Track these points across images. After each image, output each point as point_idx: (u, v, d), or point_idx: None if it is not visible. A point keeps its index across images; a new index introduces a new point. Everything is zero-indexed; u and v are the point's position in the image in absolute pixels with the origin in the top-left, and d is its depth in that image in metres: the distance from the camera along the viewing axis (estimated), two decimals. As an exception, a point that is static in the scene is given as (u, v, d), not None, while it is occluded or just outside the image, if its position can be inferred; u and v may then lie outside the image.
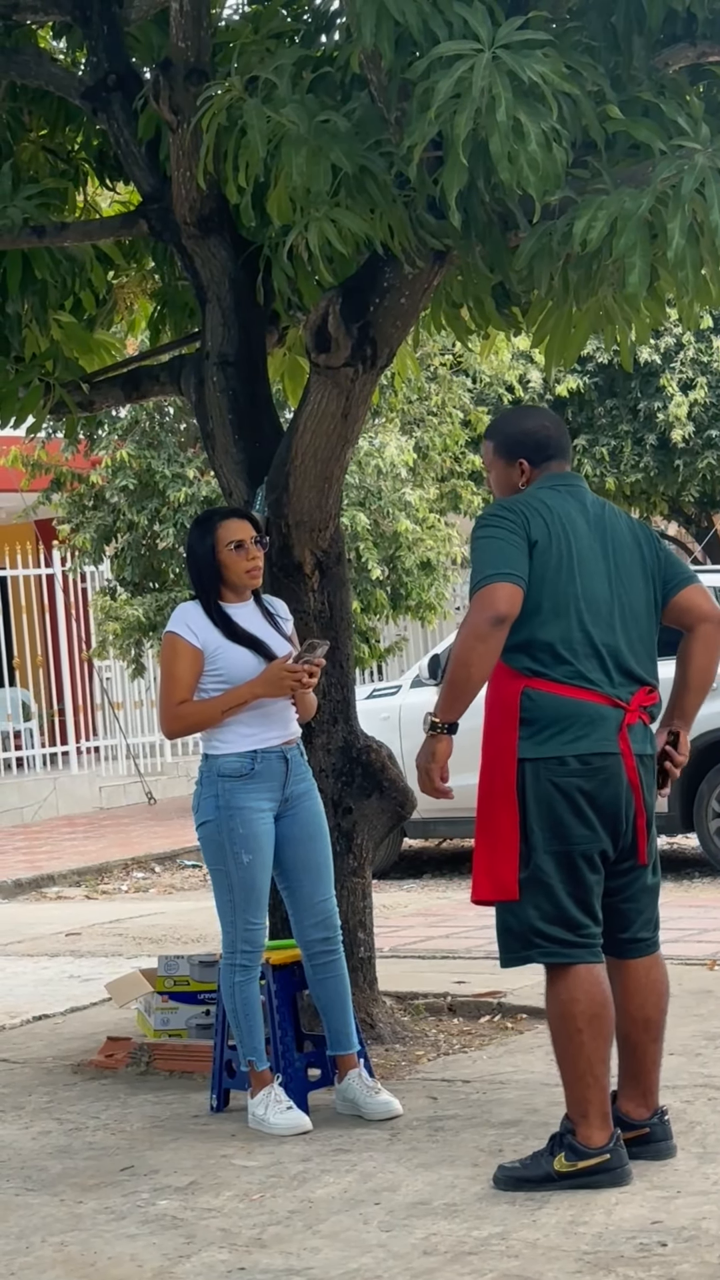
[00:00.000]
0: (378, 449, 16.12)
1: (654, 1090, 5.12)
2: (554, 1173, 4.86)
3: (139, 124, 6.81)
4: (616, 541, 5.09)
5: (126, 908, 12.17)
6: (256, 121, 5.63)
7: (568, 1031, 4.89)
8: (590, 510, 5.09)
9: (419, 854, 13.47)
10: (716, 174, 5.22)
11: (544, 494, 5.06)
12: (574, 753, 4.89)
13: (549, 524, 4.97)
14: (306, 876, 5.87)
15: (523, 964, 5.01)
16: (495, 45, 5.18)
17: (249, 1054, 5.80)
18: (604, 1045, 4.89)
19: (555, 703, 4.90)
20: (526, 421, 5.27)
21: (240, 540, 5.79)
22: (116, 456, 16.43)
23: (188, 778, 19.52)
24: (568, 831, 4.90)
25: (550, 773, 4.89)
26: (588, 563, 4.99)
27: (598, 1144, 4.85)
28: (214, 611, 5.81)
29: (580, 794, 4.89)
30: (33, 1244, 4.83)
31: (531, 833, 4.91)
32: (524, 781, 4.93)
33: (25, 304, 7.24)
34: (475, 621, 4.87)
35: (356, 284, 6.27)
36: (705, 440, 20.26)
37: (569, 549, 4.96)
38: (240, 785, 5.75)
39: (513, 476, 5.17)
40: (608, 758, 4.91)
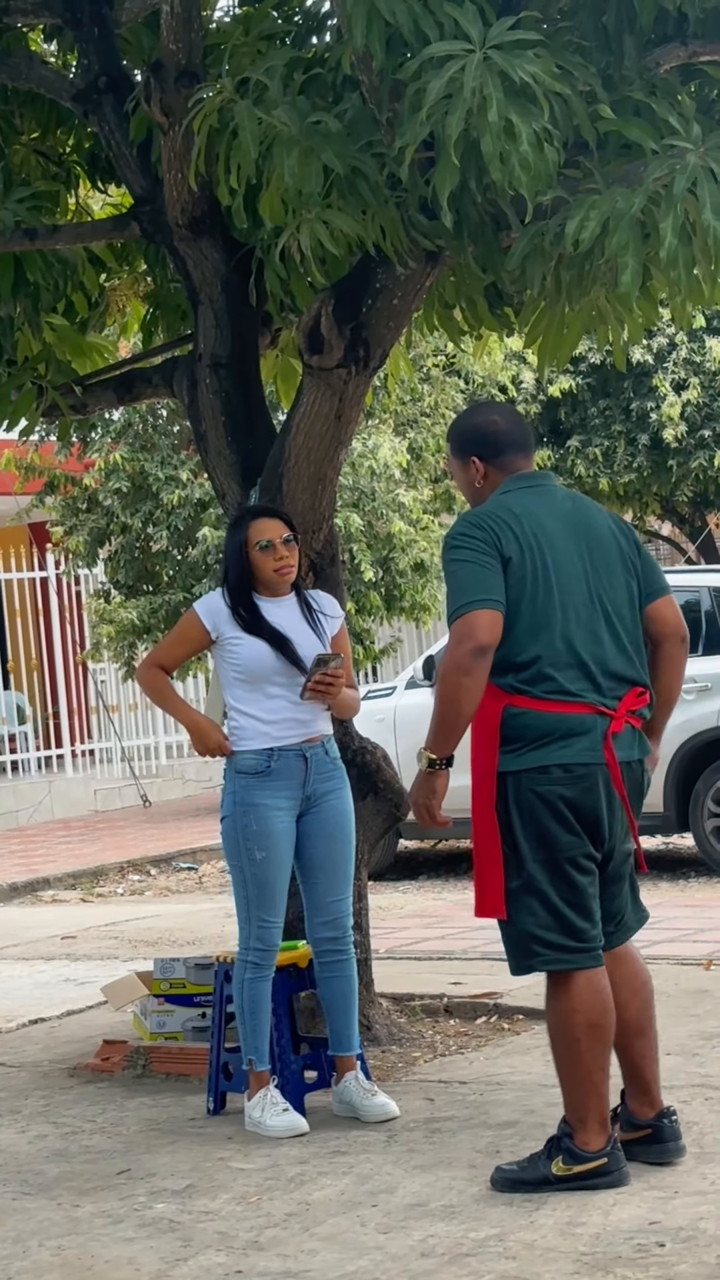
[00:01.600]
0: (371, 450, 16.11)
1: (653, 1088, 5.10)
2: (551, 1176, 4.85)
3: (130, 126, 6.80)
4: (593, 537, 5.01)
5: (122, 911, 12.16)
6: (248, 123, 5.62)
7: (566, 1040, 4.87)
8: (561, 507, 5.01)
9: (415, 855, 13.46)
10: (709, 173, 5.21)
11: (509, 500, 4.97)
12: (555, 761, 4.84)
13: (519, 535, 4.88)
14: (323, 875, 5.87)
15: (529, 972, 4.98)
16: (486, 46, 5.18)
17: (250, 1052, 5.80)
18: (603, 1053, 4.87)
19: (535, 719, 4.85)
20: (475, 417, 5.21)
21: (269, 540, 5.81)
22: (110, 459, 16.43)
23: (183, 780, 19.54)
24: (554, 839, 4.86)
25: (532, 782, 4.84)
26: (564, 567, 4.91)
27: (595, 1148, 4.84)
28: (238, 605, 5.83)
29: (562, 801, 4.84)
30: (30, 1248, 4.83)
31: (519, 844, 4.88)
32: (506, 796, 4.88)
33: (17, 307, 7.22)
34: (457, 656, 4.79)
35: (349, 285, 6.27)
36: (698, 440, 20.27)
37: (543, 558, 4.88)
38: (256, 782, 5.76)
39: (469, 476, 5.11)
40: (590, 767, 4.86)
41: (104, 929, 11.17)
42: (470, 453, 5.10)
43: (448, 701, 4.83)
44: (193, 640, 5.93)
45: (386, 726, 12.17)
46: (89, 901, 13.01)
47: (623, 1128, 5.09)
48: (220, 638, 5.83)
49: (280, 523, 5.88)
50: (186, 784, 19.66)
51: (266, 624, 5.81)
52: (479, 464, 5.08)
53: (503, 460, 5.08)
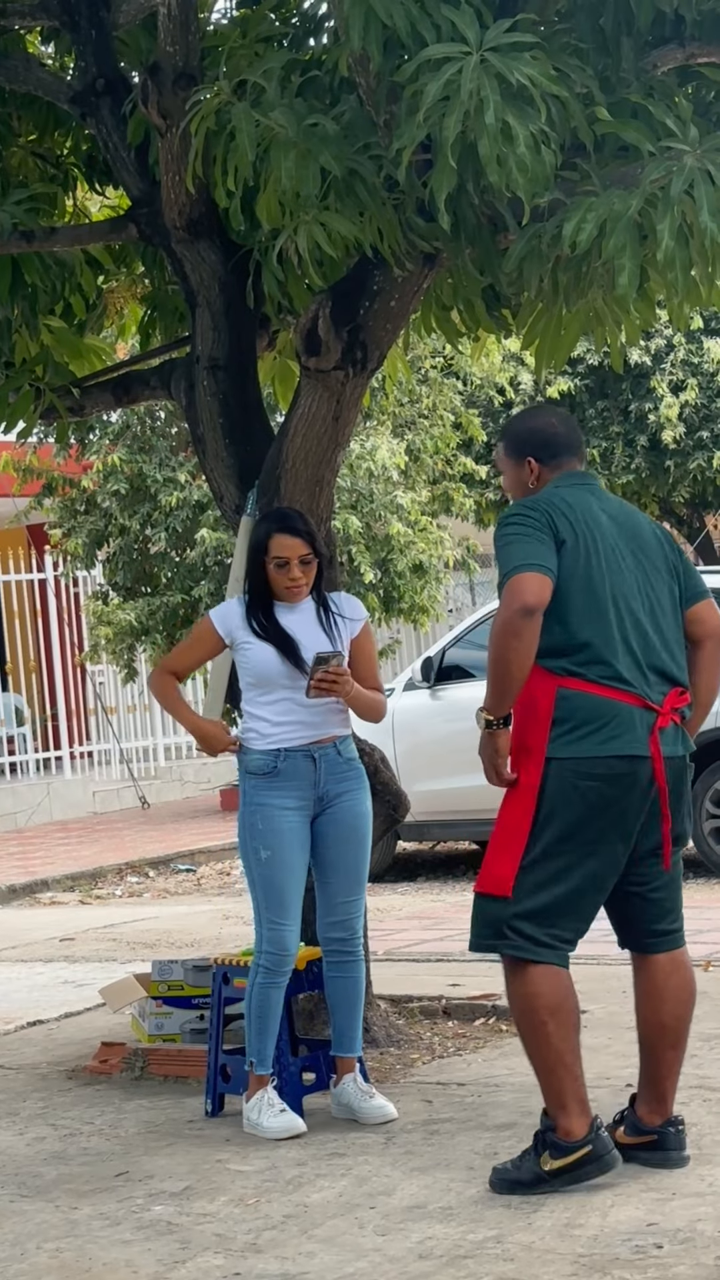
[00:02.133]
0: (369, 452, 16.11)
1: (668, 1098, 5.10)
2: (542, 1172, 4.86)
3: (128, 128, 6.81)
4: (640, 538, 5.08)
5: (120, 912, 12.16)
6: (245, 125, 5.63)
7: (532, 1024, 4.89)
8: (609, 507, 5.08)
9: (413, 857, 13.46)
10: (705, 175, 5.22)
11: (563, 492, 5.03)
12: (603, 754, 4.84)
13: (573, 523, 4.94)
14: (335, 876, 5.88)
15: (489, 951, 5.00)
16: (483, 48, 5.18)
17: (252, 1054, 5.79)
18: (571, 1034, 4.88)
19: (590, 702, 4.86)
20: (533, 420, 5.27)
21: (285, 559, 5.82)
22: (108, 461, 16.43)
23: (181, 782, 19.55)
24: (581, 834, 4.86)
25: (574, 775, 4.85)
26: (615, 560, 4.96)
27: (578, 1135, 4.84)
28: (254, 606, 5.87)
29: (600, 799, 4.85)
30: (27, 1250, 4.82)
31: (541, 831, 4.88)
32: (546, 780, 4.88)
33: (15, 309, 7.22)
34: (506, 617, 4.80)
35: (346, 287, 6.27)
36: (696, 441, 20.28)
37: (596, 547, 4.94)
38: (264, 783, 5.78)
39: (522, 476, 5.15)
40: (635, 762, 4.86)
41: (102, 931, 11.17)
42: (527, 453, 5.15)
43: (499, 663, 4.84)
44: (206, 645, 5.97)
45: (384, 728, 12.14)
46: (87, 903, 13.01)
47: (627, 1131, 5.09)
48: (234, 642, 5.87)
49: (301, 541, 5.85)
50: (185, 786, 19.66)
51: (275, 628, 5.83)
52: (534, 465, 5.13)
53: (558, 462, 5.14)
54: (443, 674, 12.31)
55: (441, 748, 12.08)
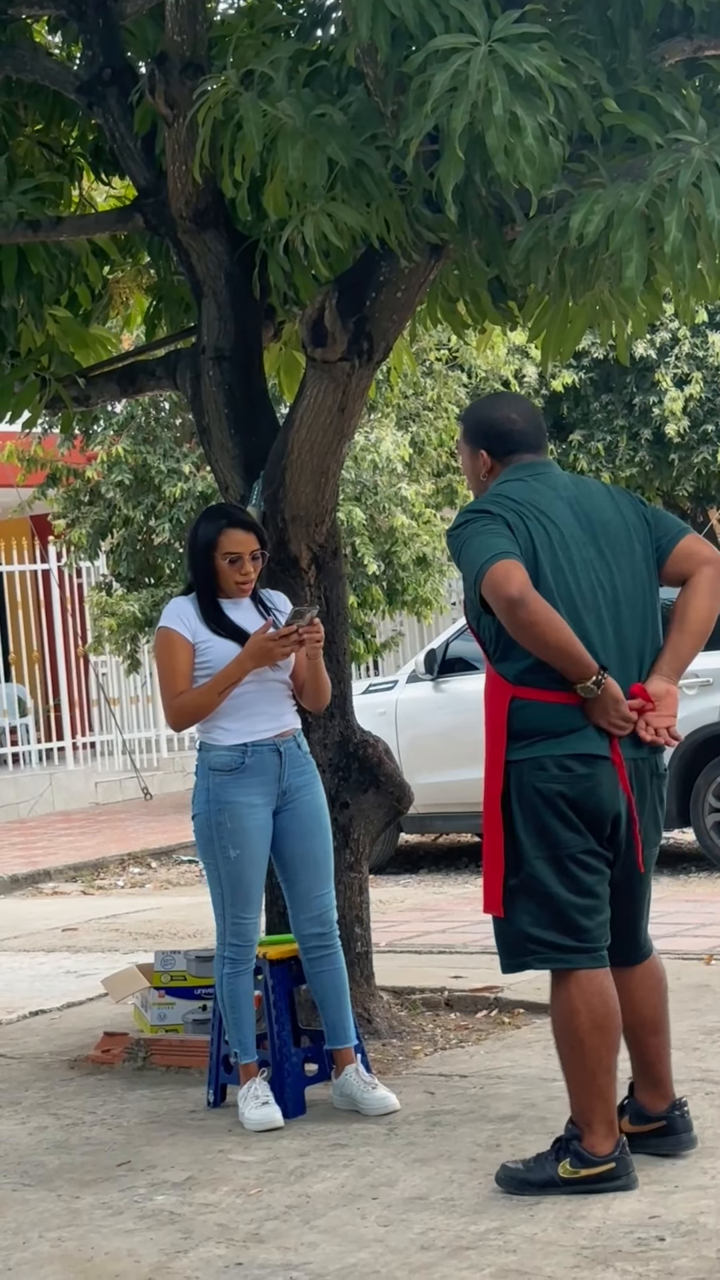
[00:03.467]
0: (373, 444, 16.11)
1: (666, 1081, 5.08)
2: (558, 1178, 4.80)
3: (134, 118, 6.80)
4: (599, 520, 4.89)
5: (123, 903, 12.17)
6: (252, 115, 5.62)
7: (570, 1041, 4.82)
8: (563, 494, 4.90)
9: (416, 849, 13.46)
10: (713, 168, 5.21)
11: (509, 489, 4.88)
12: (557, 753, 4.76)
13: (523, 523, 4.79)
14: (304, 871, 5.86)
15: (521, 970, 4.94)
16: (491, 39, 5.17)
17: (234, 1045, 5.82)
18: (608, 1054, 4.80)
19: (541, 710, 4.78)
20: (494, 410, 5.11)
21: (237, 554, 5.79)
22: (112, 452, 16.42)
23: (184, 773, 19.53)
24: (555, 836, 4.80)
25: (533, 777, 4.78)
26: (571, 555, 4.81)
27: (603, 1152, 4.78)
28: (205, 605, 5.82)
29: (562, 799, 4.78)
30: (30, 1239, 4.83)
31: (520, 840, 4.83)
32: (509, 787, 4.82)
33: (21, 299, 7.22)
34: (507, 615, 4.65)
35: (353, 278, 6.27)
36: (700, 435, 20.26)
37: (547, 546, 4.79)
38: (231, 779, 5.75)
39: (476, 466, 5.05)
40: (594, 761, 4.77)
41: (105, 921, 11.17)
42: (480, 445, 5.04)
43: (544, 650, 4.67)
44: (184, 652, 5.78)
45: (388, 720, 12.18)
46: (90, 894, 13.01)
47: (632, 1120, 5.07)
48: (195, 640, 5.80)
49: (253, 536, 5.83)
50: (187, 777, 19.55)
51: (230, 623, 5.79)
52: (486, 459, 5.03)
53: (511, 459, 5.00)
54: (446, 666, 12.31)
55: (444, 740, 12.09)
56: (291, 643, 5.67)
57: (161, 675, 5.86)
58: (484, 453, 5.03)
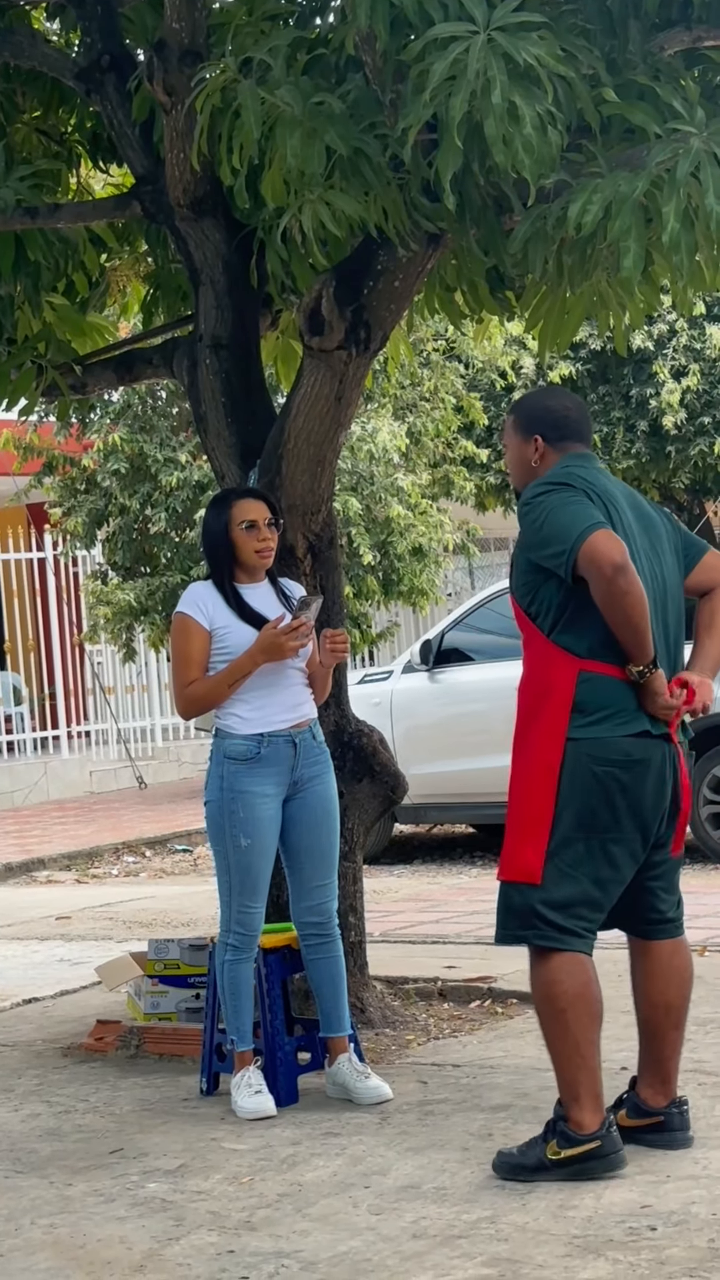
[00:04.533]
0: (370, 434, 16.10)
1: (672, 1078, 5.09)
2: (546, 1160, 4.83)
3: (133, 105, 6.79)
4: (649, 521, 5.04)
5: (117, 892, 12.17)
6: (251, 103, 5.61)
7: (552, 1012, 4.86)
8: (622, 490, 5.05)
9: (410, 839, 13.47)
10: (712, 158, 5.20)
11: (578, 469, 4.97)
12: (620, 734, 4.82)
13: (602, 502, 4.89)
14: (308, 860, 5.87)
15: (517, 943, 4.96)
16: (491, 27, 5.16)
17: (231, 1033, 5.82)
18: (591, 1025, 4.85)
19: (611, 685, 4.83)
20: (548, 399, 5.23)
21: (253, 520, 5.81)
22: (109, 440, 16.41)
23: (178, 762, 19.55)
24: (595, 820, 4.83)
25: (591, 758, 4.82)
26: (635, 542, 4.91)
27: (589, 1129, 4.80)
28: (226, 590, 5.81)
29: (616, 785, 4.82)
30: (22, 1226, 4.83)
31: (559, 817, 4.85)
32: (564, 763, 4.84)
33: (18, 286, 7.21)
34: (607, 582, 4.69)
35: (350, 267, 6.26)
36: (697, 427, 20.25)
37: (622, 528, 4.89)
38: (245, 769, 5.75)
39: (527, 453, 5.09)
40: (650, 742, 4.84)
41: (99, 910, 11.17)
42: (535, 430, 5.09)
43: (626, 626, 4.75)
44: (199, 639, 5.78)
45: (383, 710, 12.17)
46: (84, 883, 13.02)
47: (629, 1113, 5.08)
48: (213, 627, 5.80)
49: (264, 505, 5.87)
50: (182, 766, 19.66)
51: (251, 609, 5.79)
52: (540, 444, 5.08)
53: (564, 444, 5.08)
54: (441, 657, 12.31)
55: (439, 730, 12.09)
56: (300, 636, 5.67)
57: (175, 662, 5.87)
58: (539, 438, 5.08)
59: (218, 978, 5.87)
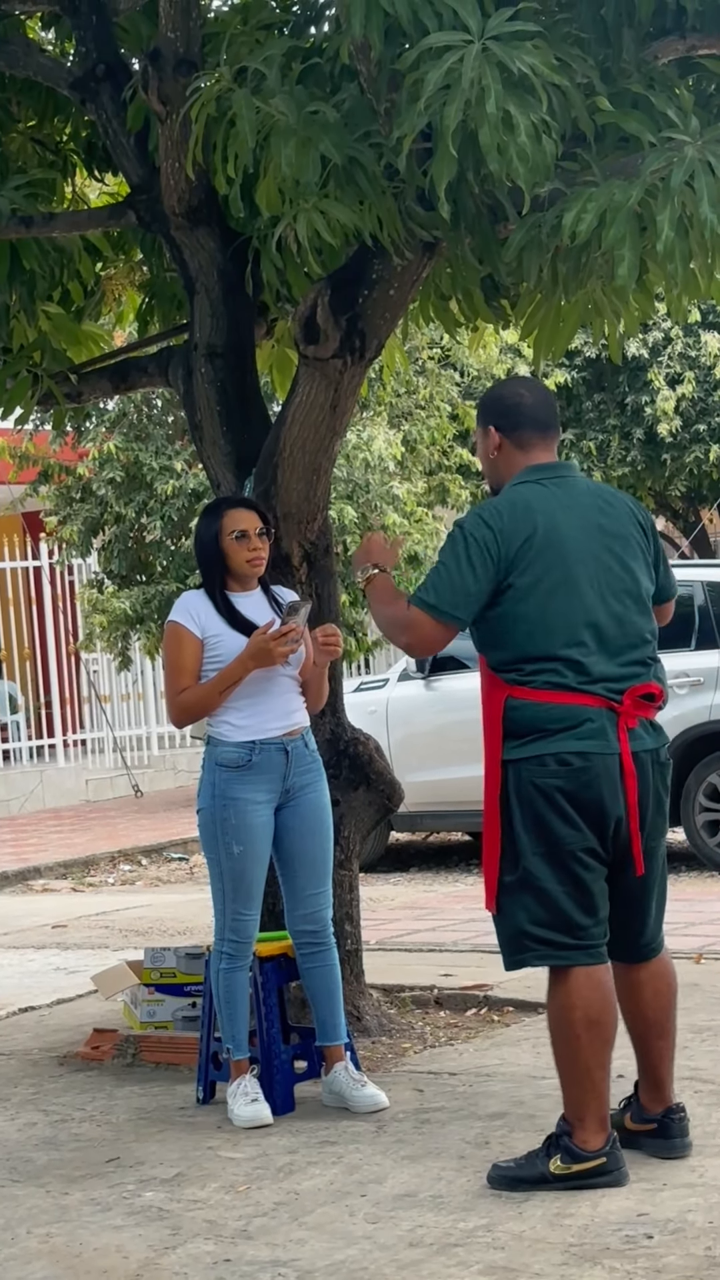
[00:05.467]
0: (365, 442, 16.10)
1: (665, 1085, 5.08)
2: (549, 1174, 4.80)
3: (128, 115, 6.79)
4: (612, 533, 4.96)
5: (113, 900, 12.17)
6: (245, 112, 5.61)
7: (565, 1036, 4.82)
8: (580, 501, 4.95)
9: (406, 847, 13.47)
10: (706, 166, 5.21)
11: (526, 492, 4.93)
12: (551, 751, 4.79)
13: (533, 529, 4.84)
14: (302, 869, 5.87)
15: (520, 967, 4.95)
16: (485, 36, 5.17)
17: (227, 1041, 5.82)
18: (602, 1050, 4.81)
19: (535, 710, 4.81)
20: (502, 388, 5.21)
21: (243, 530, 5.81)
22: (104, 449, 16.41)
23: (174, 771, 19.54)
24: (552, 831, 4.80)
25: (530, 774, 4.81)
26: (576, 565, 4.86)
27: (594, 1147, 4.78)
28: (217, 599, 5.81)
29: (560, 794, 4.79)
30: (18, 1235, 4.83)
31: (518, 837, 4.84)
32: (507, 786, 4.85)
33: (13, 294, 7.21)
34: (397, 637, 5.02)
35: (345, 275, 6.26)
36: (692, 434, 20.29)
37: (556, 553, 4.84)
38: (237, 776, 5.75)
39: (487, 446, 5.07)
40: (589, 758, 4.80)
41: (95, 918, 11.17)
42: (489, 421, 5.07)
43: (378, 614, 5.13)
44: (191, 647, 5.78)
45: (379, 718, 12.18)
46: (80, 891, 13.01)
47: (633, 1118, 5.08)
48: (204, 635, 5.80)
49: (255, 514, 5.87)
50: (178, 774, 19.65)
51: (243, 617, 5.79)
52: (495, 434, 5.05)
53: (519, 435, 5.03)
54: (437, 665, 12.31)
55: (435, 738, 12.10)
56: (290, 641, 5.67)
57: (167, 670, 5.86)
58: (492, 429, 5.06)
59: (212, 986, 5.87)
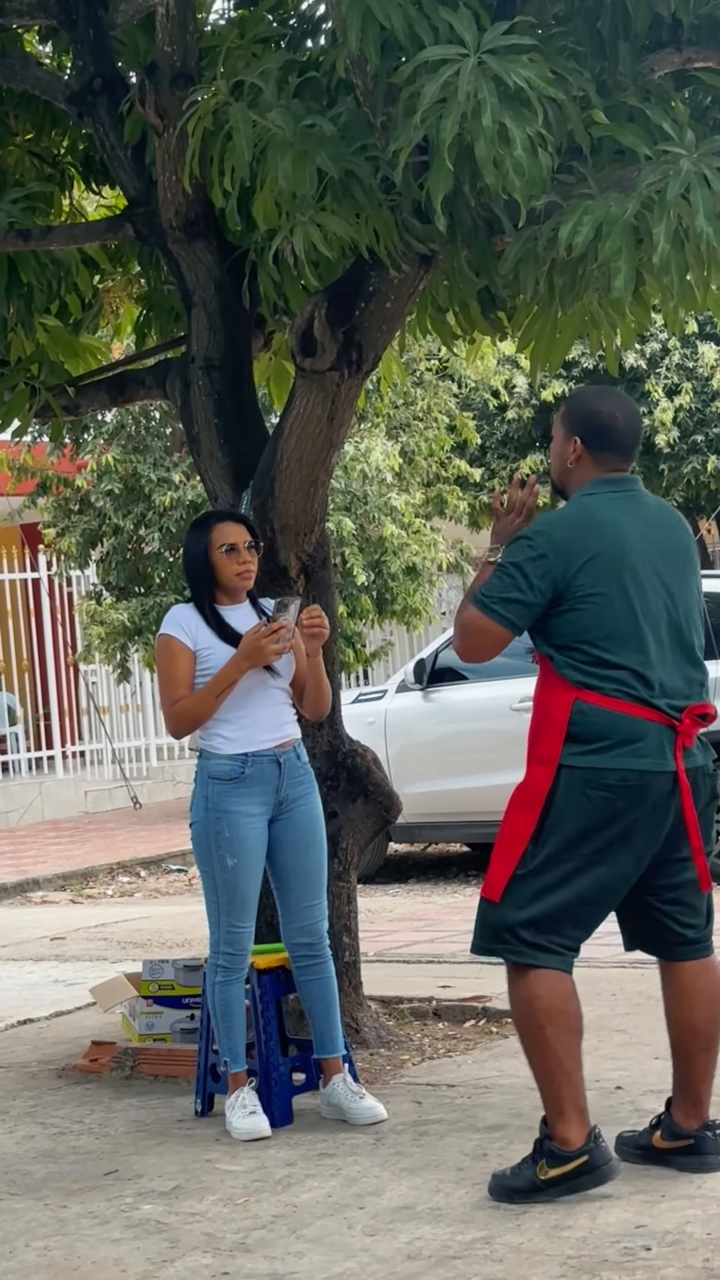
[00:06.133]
0: (363, 454, 16.12)
1: (704, 1101, 5.03)
2: (539, 1181, 4.81)
3: (125, 128, 6.81)
4: (672, 550, 4.99)
5: (111, 912, 12.16)
6: (242, 125, 5.63)
7: (532, 1029, 4.84)
8: (645, 515, 4.98)
9: (404, 859, 13.46)
10: (702, 179, 5.22)
11: (595, 504, 4.95)
12: (617, 765, 4.79)
13: (600, 540, 4.86)
14: (296, 881, 5.87)
15: (488, 955, 4.96)
16: (481, 50, 5.19)
17: (224, 1054, 5.82)
18: (571, 1040, 4.83)
19: (607, 717, 4.81)
20: (602, 403, 5.13)
21: (232, 544, 5.81)
22: (102, 460, 16.42)
23: (173, 782, 19.53)
24: (585, 842, 4.80)
25: (585, 783, 4.80)
26: (643, 579, 4.88)
27: (575, 1144, 4.78)
28: (206, 612, 5.82)
29: (609, 810, 4.80)
30: (16, 1248, 4.82)
31: (547, 838, 4.83)
32: (557, 788, 4.84)
33: (11, 307, 7.23)
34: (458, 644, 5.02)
35: (342, 288, 6.27)
36: (690, 445, 20.30)
37: (622, 566, 4.86)
38: (230, 789, 5.74)
39: (565, 451, 5.06)
40: (648, 776, 4.81)
41: (93, 930, 11.16)
42: (577, 432, 5.04)
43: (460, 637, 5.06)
44: (184, 658, 5.77)
45: (377, 730, 12.17)
46: (78, 903, 13.00)
47: (664, 1135, 5.05)
48: (196, 647, 5.80)
49: (243, 528, 5.87)
50: (177, 786, 19.64)
51: (233, 630, 5.79)
52: (579, 447, 5.03)
53: (603, 456, 5.03)
54: (435, 676, 12.31)
55: (434, 749, 12.09)
56: (281, 638, 5.67)
57: (161, 682, 5.86)
58: (578, 440, 5.04)
59: (209, 999, 5.87)
